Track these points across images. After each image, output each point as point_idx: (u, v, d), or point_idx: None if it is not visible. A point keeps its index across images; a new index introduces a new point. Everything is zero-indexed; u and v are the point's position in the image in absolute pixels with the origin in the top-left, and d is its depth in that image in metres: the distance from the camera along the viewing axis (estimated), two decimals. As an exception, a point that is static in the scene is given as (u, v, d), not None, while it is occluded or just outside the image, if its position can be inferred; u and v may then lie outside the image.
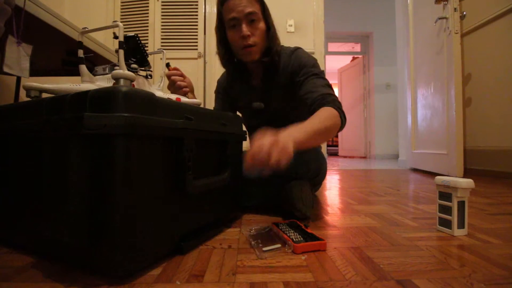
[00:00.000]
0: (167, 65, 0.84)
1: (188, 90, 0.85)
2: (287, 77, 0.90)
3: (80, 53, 0.61)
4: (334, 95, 0.80)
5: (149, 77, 0.71)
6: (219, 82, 1.08)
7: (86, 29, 0.62)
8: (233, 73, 0.97)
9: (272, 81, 0.93)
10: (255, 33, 0.85)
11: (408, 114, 2.52)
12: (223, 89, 1.05)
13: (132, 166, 0.40)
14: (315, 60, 0.91)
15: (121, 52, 0.58)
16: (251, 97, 0.98)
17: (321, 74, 0.87)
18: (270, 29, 0.87)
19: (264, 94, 0.95)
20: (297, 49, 0.92)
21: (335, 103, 0.76)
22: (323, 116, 0.71)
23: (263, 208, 0.86)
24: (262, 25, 0.86)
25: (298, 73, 0.88)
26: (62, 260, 0.47)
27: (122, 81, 0.53)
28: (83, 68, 0.60)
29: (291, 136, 0.58)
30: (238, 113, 1.06)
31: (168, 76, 0.83)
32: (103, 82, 0.62)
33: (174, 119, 0.48)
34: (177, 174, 0.49)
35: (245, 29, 0.84)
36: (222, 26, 0.87)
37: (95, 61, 1.18)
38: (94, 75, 0.64)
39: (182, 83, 0.84)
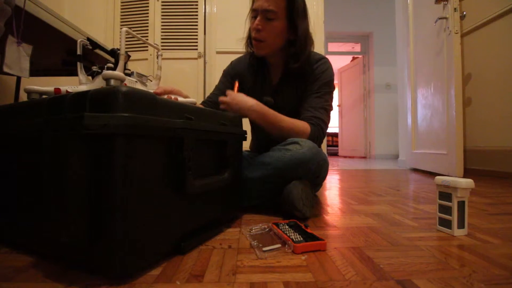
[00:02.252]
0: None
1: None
2: (304, 83, 0.94)
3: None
4: (322, 118, 0.89)
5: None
6: (232, 64, 1.07)
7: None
8: (251, 61, 0.99)
9: (289, 82, 0.95)
10: (267, 30, 0.87)
11: (408, 114, 2.52)
12: (231, 74, 1.05)
13: (132, 166, 0.40)
14: (332, 75, 0.95)
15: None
16: (264, 90, 0.98)
17: (327, 95, 0.92)
18: (296, 32, 0.87)
19: (277, 91, 0.97)
20: (322, 59, 0.94)
21: (315, 125, 0.88)
22: (292, 122, 0.86)
23: (263, 208, 0.85)
24: (278, 24, 0.86)
25: (310, 83, 0.92)
26: (62, 260, 0.47)
27: (112, 82, 0.54)
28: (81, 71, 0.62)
29: (253, 104, 0.82)
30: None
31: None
32: (100, 83, 0.63)
33: (174, 119, 0.48)
34: (177, 174, 0.49)
35: (257, 22, 0.87)
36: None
37: (95, 61, 1.18)
38: (92, 76, 0.64)
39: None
